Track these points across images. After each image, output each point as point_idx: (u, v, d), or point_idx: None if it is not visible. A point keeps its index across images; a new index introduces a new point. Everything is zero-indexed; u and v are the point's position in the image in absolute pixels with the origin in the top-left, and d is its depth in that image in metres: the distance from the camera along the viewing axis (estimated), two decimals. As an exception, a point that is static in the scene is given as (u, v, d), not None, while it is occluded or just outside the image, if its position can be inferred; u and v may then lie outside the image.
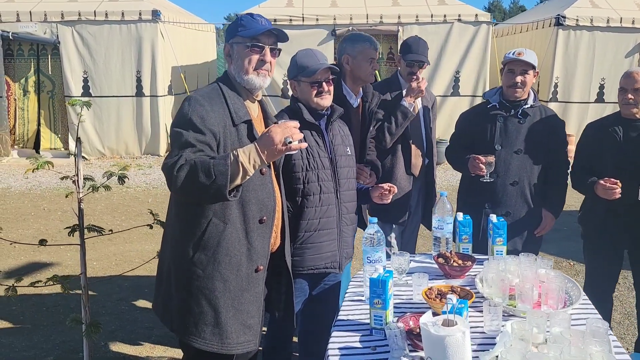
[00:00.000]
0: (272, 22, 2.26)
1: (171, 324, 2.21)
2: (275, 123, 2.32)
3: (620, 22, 9.82)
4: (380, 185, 2.79)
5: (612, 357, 1.63)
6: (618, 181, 2.91)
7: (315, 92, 2.60)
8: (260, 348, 2.35)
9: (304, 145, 1.99)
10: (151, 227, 3.03)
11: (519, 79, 3.12)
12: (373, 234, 2.33)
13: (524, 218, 3.22)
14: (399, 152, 3.46)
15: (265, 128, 2.28)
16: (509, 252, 2.74)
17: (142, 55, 9.94)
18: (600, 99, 10.12)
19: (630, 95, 2.97)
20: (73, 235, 2.83)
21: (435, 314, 1.74)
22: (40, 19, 9.71)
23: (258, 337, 2.26)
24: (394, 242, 3.63)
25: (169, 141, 2.09)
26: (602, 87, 10.09)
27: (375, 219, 2.39)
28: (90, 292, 3.06)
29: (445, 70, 9.81)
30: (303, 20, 9.72)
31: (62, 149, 10.21)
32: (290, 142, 1.91)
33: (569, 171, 3.29)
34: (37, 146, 10.24)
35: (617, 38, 9.87)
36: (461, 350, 1.50)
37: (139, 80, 10.04)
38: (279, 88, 9.93)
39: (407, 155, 3.48)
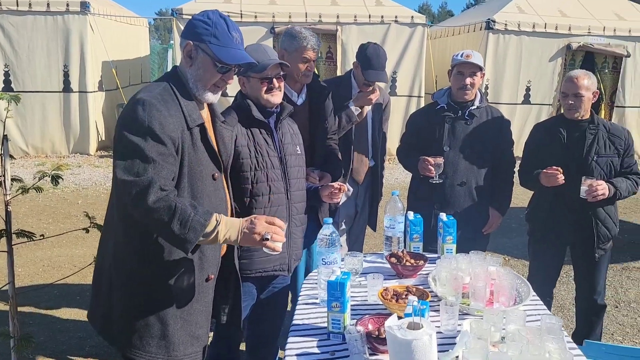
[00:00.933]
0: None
1: (112, 338, 2.05)
2: (223, 122, 2.20)
3: (545, 28, 10.32)
4: (330, 184, 2.73)
5: (569, 354, 1.66)
6: (559, 168, 3.01)
7: (265, 88, 2.50)
8: None
9: (278, 250, 1.90)
10: (87, 231, 2.84)
11: (468, 80, 3.16)
12: (328, 235, 2.27)
13: (472, 217, 3.27)
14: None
15: (214, 130, 2.15)
16: (458, 251, 2.77)
17: (70, 48, 9.43)
18: (527, 100, 10.59)
19: (571, 101, 3.07)
20: (-1, 242, 2.60)
21: (398, 317, 1.71)
22: (-46, 7, 9.00)
23: (205, 347, 2.16)
24: (343, 242, 3.62)
25: (119, 146, 1.85)
26: (528, 89, 10.57)
27: (330, 219, 2.34)
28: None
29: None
30: (241, 17, 9.55)
31: (-20, 148, 9.51)
32: (267, 239, 1.84)
33: (515, 170, 3.38)
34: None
35: (542, 43, 10.37)
36: (428, 354, 1.48)
37: (66, 75, 9.52)
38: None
39: (347, 159, 3.45)
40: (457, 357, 1.76)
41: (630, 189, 3.11)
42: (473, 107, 3.25)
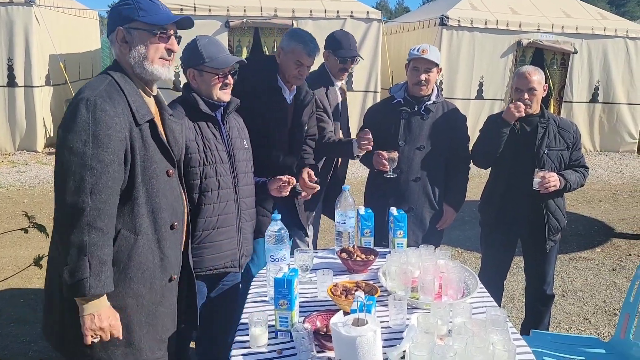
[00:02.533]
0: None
1: (70, 353, 1.93)
2: (171, 115, 2.13)
3: (497, 25, 10.55)
4: (278, 177, 2.70)
5: (512, 345, 1.68)
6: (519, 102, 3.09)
7: (220, 84, 2.44)
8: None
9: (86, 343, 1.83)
10: (26, 231, 2.71)
11: (423, 76, 3.16)
12: (276, 232, 2.23)
13: (426, 213, 3.28)
14: None
15: (162, 123, 2.07)
16: (412, 246, 2.76)
17: (14, 41, 9.04)
18: (479, 95, 10.81)
19: (526, 96, 3.12)
20: None
21: (344, 313, 1.69)
22: None
23: (173, 349, 2.11)
24: (310, 242, 3.57)
25: (58, 151, 1.76)
26: (481, 84, 10.79)
27: (278, 216, 2.30)
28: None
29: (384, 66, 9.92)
30: (195, 10, 9.36)
31: None
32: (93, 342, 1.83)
33: (470, 165, 3.41)
34: None
35: (494, 39, 10.59)
36: (372, 350, 1.46)
37: (10, 69, 9.13)
38: (170, 80, 9.49)
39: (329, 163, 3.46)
40: (404, 351, 1.76)
41: (579, 181, 3.19)
42: (429, 102, 3.24)
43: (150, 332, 1.97)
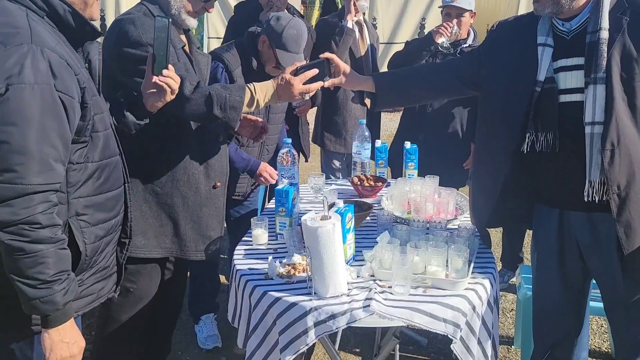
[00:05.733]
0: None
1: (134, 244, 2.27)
2: (198, 48, 2.35)
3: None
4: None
5: (466, 252, 1.88)
6: None
7: (274, 66, 2.67)
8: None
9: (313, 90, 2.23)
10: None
11: (454, 22, 3.30)
12: (284, 154, 2.55)
13: (454, 151, 3.45)
14: None
15: (190, 53, 2.30)
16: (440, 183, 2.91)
17: None
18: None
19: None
20: None
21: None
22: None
23: (218, 246, 2.43)
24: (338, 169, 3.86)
25: (125, 62, 2.05)
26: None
27: (289, 140, 2.61)
28: None
29: (411, 18, 9.83)
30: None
31: None
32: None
33: None
34: None
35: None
36: (331, 239, 1.75)
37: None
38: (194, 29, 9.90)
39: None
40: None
41: None
42: (465, 45, 3.37)
43: (195, 228, 2.30)
